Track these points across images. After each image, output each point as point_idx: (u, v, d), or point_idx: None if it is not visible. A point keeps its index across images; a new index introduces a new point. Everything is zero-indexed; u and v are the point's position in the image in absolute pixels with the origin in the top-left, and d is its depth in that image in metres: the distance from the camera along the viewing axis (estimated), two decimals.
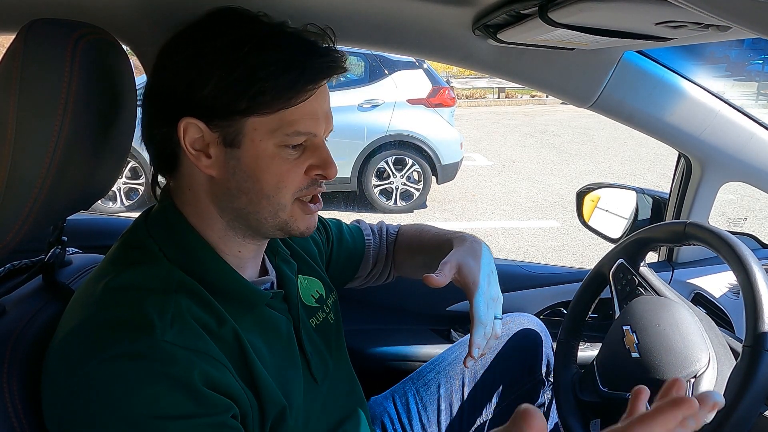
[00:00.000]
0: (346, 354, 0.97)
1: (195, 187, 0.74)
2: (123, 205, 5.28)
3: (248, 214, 0.74)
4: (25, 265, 0.88)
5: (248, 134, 0.70)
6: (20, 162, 0.63)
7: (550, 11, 0.74)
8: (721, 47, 13.74)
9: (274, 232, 0.77)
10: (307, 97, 0.71)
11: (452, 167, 5.57)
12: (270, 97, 0.69)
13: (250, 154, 0.71)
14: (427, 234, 1.10)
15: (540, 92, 10.59)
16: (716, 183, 1.33)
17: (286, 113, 0.70)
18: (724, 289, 1.30)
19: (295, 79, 0.69)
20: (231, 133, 0.70)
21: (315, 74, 0.71)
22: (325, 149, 0.76)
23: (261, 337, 0.75)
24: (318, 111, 0.73)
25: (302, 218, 0.77)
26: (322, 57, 0.72)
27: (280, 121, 0.70)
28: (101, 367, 0.61)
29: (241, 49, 0.68)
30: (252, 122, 0.70)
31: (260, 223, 0.75)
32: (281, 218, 0.75)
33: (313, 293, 0.92)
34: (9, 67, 0.63)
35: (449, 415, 1.14)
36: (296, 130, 0.71)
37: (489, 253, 1.00)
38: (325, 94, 0.75)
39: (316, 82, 0.71)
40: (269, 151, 0.71)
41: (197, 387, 0.63)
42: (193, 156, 0.71)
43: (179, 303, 0.67)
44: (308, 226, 0.78)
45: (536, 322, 1.22)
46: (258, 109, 0.69)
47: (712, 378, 0.90)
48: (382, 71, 5.43)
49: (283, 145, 0.71)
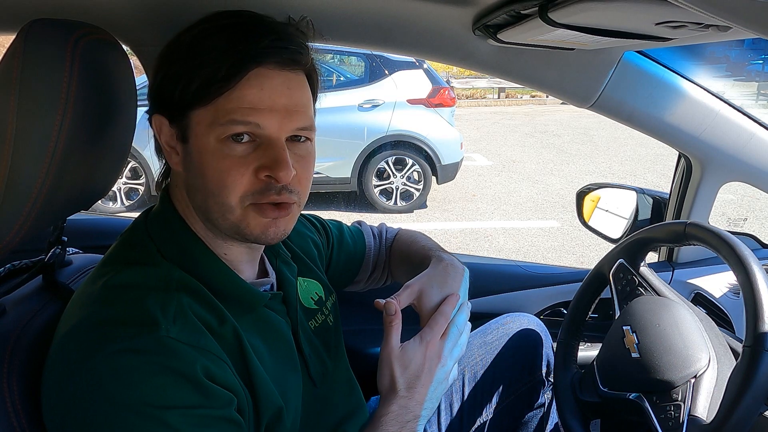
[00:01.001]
0: (345, 356, 0.97)
1: (180, 185, 0.75)
2: (123, 205, 5.28)
3: (206, 213, 0.72)
4: (25, 265, 0.89)
5: (193, 128, 0.70)
6: (20, 162, 0.63)
7: (550, 11, 0.74)
8: (721, 47, 13.74)
9: (232, 234, 0.73)
10: (234, 83, 0.67)
11: (452, 167, 5.57)
12: (197, 84, 0.67)
13: (196, 149, 0.70)
14: (416, 245, 1.08)
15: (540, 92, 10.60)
16: (716, 183, 1.33)
17: (220, 102, 0.67)
18: (724, 289, 1.30)
19: (220, 64, 0.67)
20: (182, 127, 0.71)
21: (241, 59, 0.67)
22: (278, 148, 0.69)
23: (260, 339, 0.75)
24: (262, 101, 0.68)
25: (256, 222, 0.71)
26: (256, 43, 0.68)
27: (216, 111, 0.68)
28: (106, 362, 0.61)
29: (184, 42, 0.70)
30: (195, 115, 0.69)
31: (216, 223, 0.72)
32: (230, 221, 0.71)
33: (312, 295, 0.92)
34: (9, 67, 0.63)
35: (449, 415, 1.14)
36: (231, 119, 0.67)
37: (464, 278, 0.92)
38: (278, 84, 0.69)
39: (246, 66, 0.67)
40: (211, 145, 0.68)
41: (201, 380, 0.63)
42: (167, 153, 0.73)
43: (181, 300, 0.67)
44: (264, 231, 0.71)
45: (536, 322, 1.22)
46: (192, 99, 0.68)
47: (712, 378, 0.90)
48: (382, 71, 5.43)
49: (225, 139, 0.68)
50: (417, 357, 0.80)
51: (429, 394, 0.80)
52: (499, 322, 1.22)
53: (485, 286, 1.46)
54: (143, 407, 0.60)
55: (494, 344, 1.18)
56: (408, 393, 0.78)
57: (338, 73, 5.96)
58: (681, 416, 0.88)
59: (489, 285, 1.48)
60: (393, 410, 0.77)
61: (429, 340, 0.81)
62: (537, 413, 1.22)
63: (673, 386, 0.91)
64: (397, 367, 0.79)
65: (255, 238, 0.72)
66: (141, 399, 0.61)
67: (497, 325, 1.21)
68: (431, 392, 0.80)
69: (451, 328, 0.84)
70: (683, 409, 0.88)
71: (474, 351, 1.17)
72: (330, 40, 1.15)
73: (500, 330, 1.20)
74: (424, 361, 0.80)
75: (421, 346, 0.80)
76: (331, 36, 1.11)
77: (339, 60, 6.45)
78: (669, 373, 0.92)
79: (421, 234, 1.14)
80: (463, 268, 0.94)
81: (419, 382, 0.79)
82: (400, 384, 0.79)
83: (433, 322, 0.83)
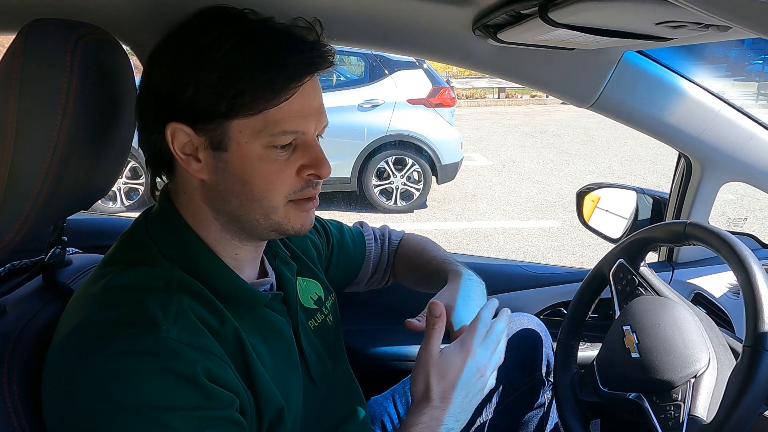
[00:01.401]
0: (345, 356, 0.96)
1: (189, 191, 0.74)
2: (123, 205, 5.27)
3: (240, 217, 0.73)
4: (25, 265, 0.89)
5: (234, 137, 0.69)
6: (20, 162, 0.63)
7: (550, 11, 0.74)
8: (721, 47, 13.74)
9: (268, 233, 0.75)
10: (291, 95, 0.68)
11: (452, 167, 5.57)
12: (250, 97, 0.67)
13: (237, 156, 0.69)
14: (428, 254, 1.08)
15: (540, 92, 10.59)
16: (716, 183, 1.33)
17: (270, 113, 0.68)
18: (724, 289, 1.30)
19: (275, 77, 0.67)
20: (217, 136, 0.69)
21: (297, 71, 0.68)
22: (316, 147, 0.73)
23: (260, 338, 0.75)
24: (306, 108, 0.70)
25: (296, 217, 0.74)
26: (305, 52, 0.69)
27: (265, 122, 0.68)
28: (106, 363, 0.61)
29: (220, 49, 0.66)
30: (237, 124, 0.68)
31: (253, 225, 0.74)
32: (274, 220, 0.73)
33: (311, 295, 0.92)
34: (9, 67, 0.63)
35: None
36: (282, 130, 0.69)
37: (482, 292, 0.96)
38: (314, 90, 0.72)
39: (299, 79, 0.68)
40: (256, 152, 0.69)
41: (202, 381, 0.63)
42: (183, 161, 0.71)
43: (181, 301, 0.67)
44: (303, 224, 0.76)
45: (536, 322, 1.22)
46: (240, 110, 0.67)
47: (712, 378, 0.90)
48: (382, 71, 5.43)
49: (271, 146, 0.69)
50: (456, 364, 0.76)
51: (464, 405, 0.76)
52: None
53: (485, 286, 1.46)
54: (143, 409, 0.60)
55: None
56: (442, 403, 0.75)
57: (338, 73, 5.95)
58: (681, 416, 0.88)
59: (489, 285, 1.46)
60: (424, 420, 0.74)
61: (469, 347, 0.77)
62: (537, 413, 1.22)
63: (673, 386, 0.91)
64: (434, 375, 0.76)
65: (295, 232, 0.76)
66: (141, 400, 0.60)
67: None
68: (465, 403, 0.77)
69: (490, 335, 0.80)
70: (683, 409, 0.88)
71: None
72: (330, 40, 1.15)
73: None
74: (462, 369, 0.76)
75: (461, 352, 0.77)
76: (331, 36, 1.11)
77: (339, 60, 6.39)
78: (669, 373, 0.92)
79: (429, 240, 1.14)
80: (480, 281, 0.98)
81: (454, 392, 0.75)
82: (434, 393, 0.75)
83: (473, 328, 0.79)
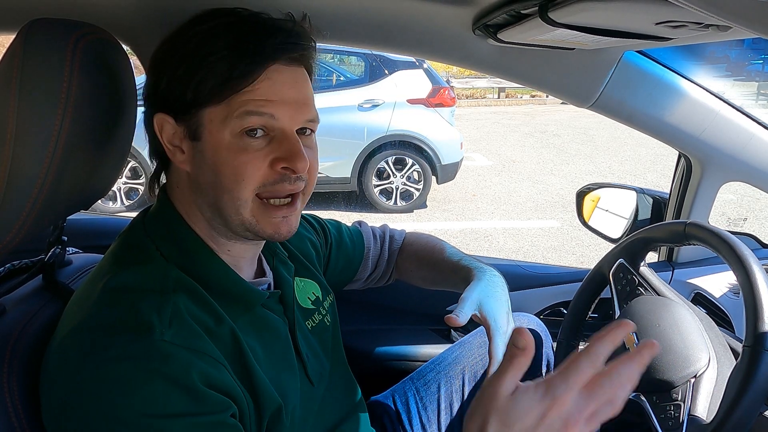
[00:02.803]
0: (343, 356, 0.96)
1: (181, 185, 0.75)
2: (123, 205, 5.27)
3: (216, 210, 0.72)
4: (25, 265, 0.89)
5: (206, 125, 0.70)
6: (20, 162, 0.63)
7: (550, 11, 0.74)
8: (721, 47, 13.74)
9: (242, 232, 0.73)
10: (253, 80, 0.68)
11: (452, 167, 5.57)
12: (212, 83, 0.68)
13: (210, 146, 0.70)
14: (441, 253, 1.08)
15: (540, 92, 10.59)
16: (716, 183, 1.33)
17: (234, 98, 0.68)
18: (724, 289, 1.30)
19: (234, 63, 0.67)
20: (192, 125, 0.70)
21: (260, 56, 0.68)
22: (292, 139, 0.71)
23: (257, 338, 0.75)
24: (276, 94, 0.69)
25: (267, 221, 0.72)
26: (270, 38, 0.69)
27: (229, 107, 0.68)
28: (99, 370, 0.61)
29: (190, 41, 0.69)
30: (208, 113, 0.69)
31: (226, 221, 0.73)
32: (243, 216, 0.71)
33: (309, 295, 0.92)
34: (9, 67, 0.63)
35: (449, 415, 1.13)
36: (245, 110, 0.68)
37: (506, 288, 0.98)
38: (288, 79, 0.71)
39: (260, 65, 0.68)
40: (226, 140, 0.69)
41: (195, 386, 0.63)
42: (170, 152, 0.73)
43: (177, 303, 0.67)
44: (275, 230, 0.73)
45: (536, 322, 1.22)
46: (206, 98, 0.68)
47: (712, 378, 0.90)
48: (382, 71, 5.43)
49: (240, 133, 0.69)
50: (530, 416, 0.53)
51: None
52: None
53: None
54: (137, 417, 0.60)
55: None
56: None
57: (338, 73, 5.96)
58: (681, 416, 0.88)
59: None
60: None
61: (560, 395, 0.52)
62: None
63: (673, 386, 0.91)
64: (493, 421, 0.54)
65: (268, 236, 0.74)
66: (135, 408, 0.60)
67: None
68: None
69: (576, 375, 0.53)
70: (683, 408, 0.88)
71: (474, 351, 1.16)
72: (330, 40, 1.15)
73: None
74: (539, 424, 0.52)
75: (543, 400, 0.53)
76: (331, 36, 1.11)
77: (339, 60, 6.44)
78: (669, 372, 0.92)
79: (435, 237, 1.14)
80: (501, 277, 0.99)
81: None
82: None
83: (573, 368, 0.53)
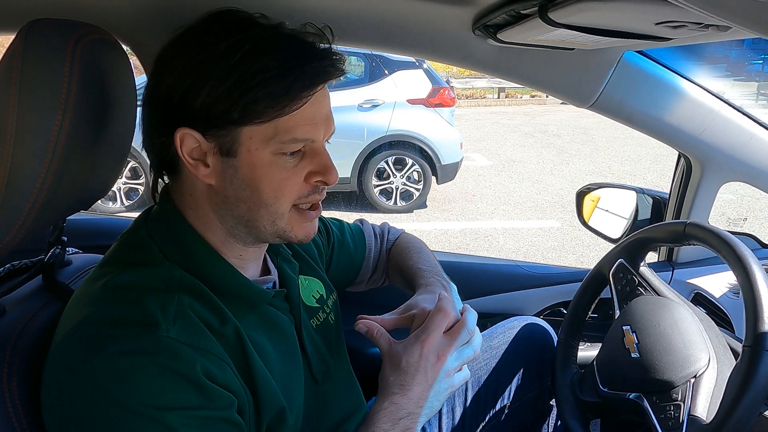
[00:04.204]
0: (345, 355, 0.97)
1: (195, 194, 0.74)
2: (123, 205, 5.27)
3: (247, 222, 0.73)
4: (25, 265, 0.89)
5: (244, 143, 0.69)
6: (20, 162, 0.63)
7: (550, 11, 0.74)
8: (721, 47, 13.73)
9: (272, 239, 0.77)
10: (303, 103, 0.68)
11: (452, 167, 5.57)
12: (263, 105, 0.67)
13: (247, 163, 0.70)
14: (409, 260, 1.08)
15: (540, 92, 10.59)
16: (716, 183, 1.33)
17: (281, 121, 0.68)
18: (724, 289, 1.30)
19: (289, 86, 0.67)
20: (227, 142, 0.69)
21: (310, 80, 0.68)
22: (324, 154, 0.74)
23: (265, 336, 0.76)
24: (316, 116, 0.71)
25: (300, 226, 0.76)
26: (318, 61, 0.69)
27: (275, 129, 0.68)
28: (105, 363, 0.61)
29: (233, 57, 0.66)
30: (247, 131, 0.68)
31: (259, 230, 0.74)
32: (279, 226, 0.74)
33: (313, 293, 0.92)
34: (9, 67, 0.63)
35: (451, 420, 1.13)
36: (293, 138, 0.69)
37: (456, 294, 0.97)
38: (323, 98, 0.72)
39: (312, 88, 0.69)
40: (266, 159, 0.69)
41: (201, 381, 0.63)
42: (191, 165, 0.70)
43: (181, 300, 0.67)
44: (306, 234, 0.77)
45: (544, 326, 1.21)
46: (252, 118, 0.67)
47: (712, 378, 0.90)
48: (382, 71, 5.43)
49: (280, 153, 0.70)
50: (412, 355, 0.78)
51: (428, 392, 0.79)
52: (505, 325, 1.21)
53: (485, 286, 1.46)
54: (143, 408, 0.60)
55: (499, 348, 1.17)
56: (400, 390, 0.77)
57: None
58: (681, 416, 0.88)
59: (489, 285, 1.48)
60: (384, 407, 0.77)
61: (424, 338, 0.79)
62: (544, 420, 1.21)
63: (672, 386, 0.91)
64: (386, 365, 0.80)
65: (299, 240, 0.77)
66: (141, 400, 0.60)
67: (503, 329, 1.20)
68: (426, 389, 0.79)
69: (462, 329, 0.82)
70: (683, 409, 0.88)
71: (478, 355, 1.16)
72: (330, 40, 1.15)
73: (506, 334, 1.18)
74: (420, 359, 0.78)
75: (416, 344, 0.79)
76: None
77: None
78: (669, 373, 0.92)
79: (417, 245, 1.13)
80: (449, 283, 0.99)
81: (413, 380, 0.78)
82: (390, 381, 0.78)
83: (429, 320, 0.82)
